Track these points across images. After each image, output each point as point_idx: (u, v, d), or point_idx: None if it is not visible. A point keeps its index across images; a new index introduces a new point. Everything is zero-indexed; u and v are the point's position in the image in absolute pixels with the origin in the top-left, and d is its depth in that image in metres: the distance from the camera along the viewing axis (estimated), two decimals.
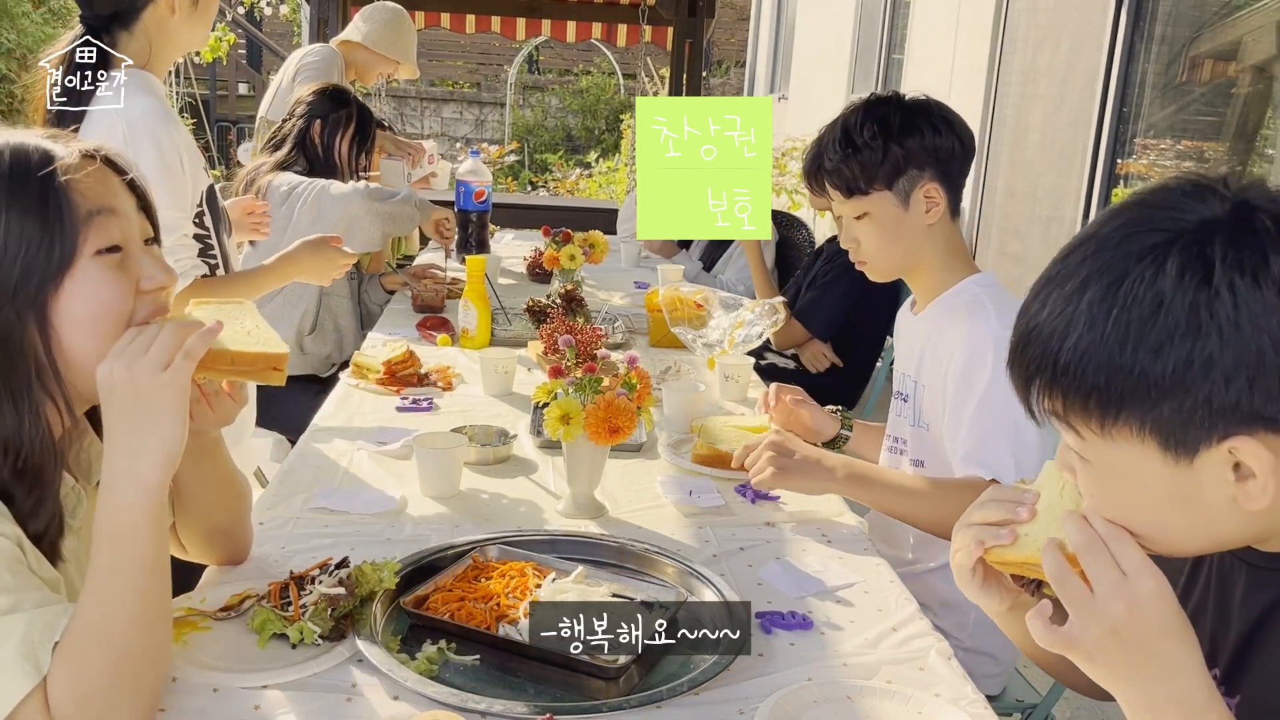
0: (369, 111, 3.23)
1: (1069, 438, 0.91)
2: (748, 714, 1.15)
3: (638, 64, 9.78)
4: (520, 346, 2.64)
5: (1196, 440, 0.83)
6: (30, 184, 1.04)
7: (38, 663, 0.96)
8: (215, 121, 11.20)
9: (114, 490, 1.02)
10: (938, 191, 1.75)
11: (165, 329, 1.05)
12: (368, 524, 1.60)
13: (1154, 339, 0.81)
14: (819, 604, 1.42)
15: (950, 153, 1.74)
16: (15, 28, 8.40)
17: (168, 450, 1.03)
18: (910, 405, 1.85)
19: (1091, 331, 0.83)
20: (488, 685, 1.19)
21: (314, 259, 2.20)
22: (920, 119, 1.73)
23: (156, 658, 1.05)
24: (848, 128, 1.75)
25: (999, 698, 1.90)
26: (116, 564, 1.01)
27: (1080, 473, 0.92)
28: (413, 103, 14.26)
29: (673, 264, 3.86)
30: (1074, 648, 0.89)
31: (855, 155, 1.73)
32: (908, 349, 1.89)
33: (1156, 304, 0.81)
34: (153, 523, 1.03)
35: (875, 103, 1.77)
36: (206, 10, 1.92)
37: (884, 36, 7.91)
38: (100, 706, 0.98)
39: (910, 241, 1.77)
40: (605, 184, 10.53)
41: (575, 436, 1.59)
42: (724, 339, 2.57)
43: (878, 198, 1.75)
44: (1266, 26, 3.79)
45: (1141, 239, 0.83)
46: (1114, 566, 0.87)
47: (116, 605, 1.00)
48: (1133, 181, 4.46)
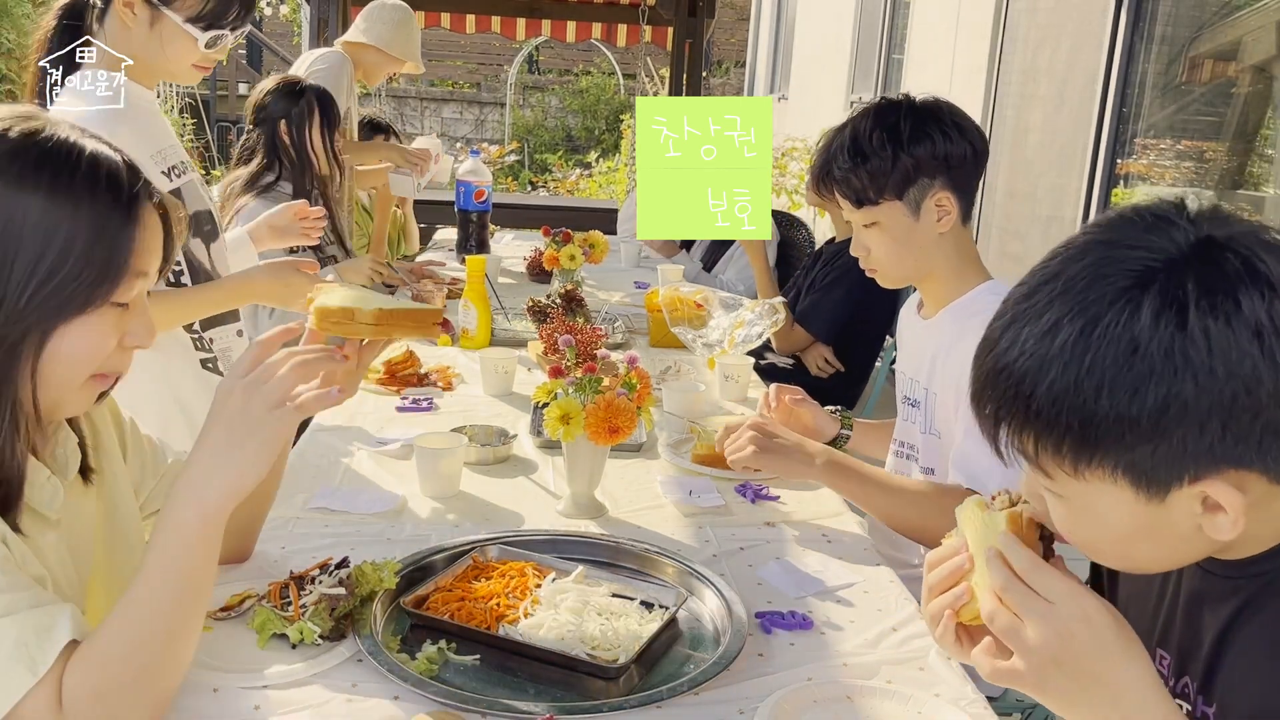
0: (326, 92, 3.14)
1: (1038, 478, 0.90)
2: (748, 714, 1.15)
3: (638, 64, 9.79)
4: (520, 346, 2.65)
5: (1169, 480, 0.83)
6: (120, 201, 1.05)
7: (33, 664, 0.95)
8: (215, 121, 11.20)
9: (177, 505, 1.03)
10: (949, 200, 1.71)
11: (288, 368, 1.07)
12: (368, 524, 1.60)
13: (1129, 382, 0.81)
14: (819, 604, 1.42)
15: (962, 159, 1.70)
16: (15, 28, 8.41)
17: (241, 483, 1.04)
18: (921, 412, 1.83)
19: (1066, 375, 0.83)
20: (488, 685, 1.19)
21: (272, 283, 2.03)
22: (931, 125, 1.68)
23: (177, 669, 1.05)
24: (856, 135, 1.70)
25: (999, 698, 1.90)
26: (159, 575, 1.02)
27: (1049, 503, 0.92)
28: (413, 103, 14.26)
29: (673, 264, 3.86)
30: (1020, 681, 0.90)
31: (864, 164, 1.69)
32: (916, 354, 1.86)
33: (1132, 348, 0.80)
34: (204, 545, 1.04)
35: (885, 108, 1.72)
36: (168, 43, 1.83)
37: (884, 36, 7.91)
38: (113, 706, 0.99)
39: (922, 250, 1.74)
40: (605, 184, 10.54)
41: (575, 436, 1.59)
42: (724, 339, 2.57)
43: (888, 208, 1.71)
44: (1266, 26, 3.79)
45: (1112, 281, 0.83)
46: (1037, 598, 0.88)
47: (150, 617, 1.01)
48: (1133, 181, 4.46)
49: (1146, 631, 1.02)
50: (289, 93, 3.06)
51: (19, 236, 1.00)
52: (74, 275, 1.02)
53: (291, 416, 1.06)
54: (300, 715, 1.11)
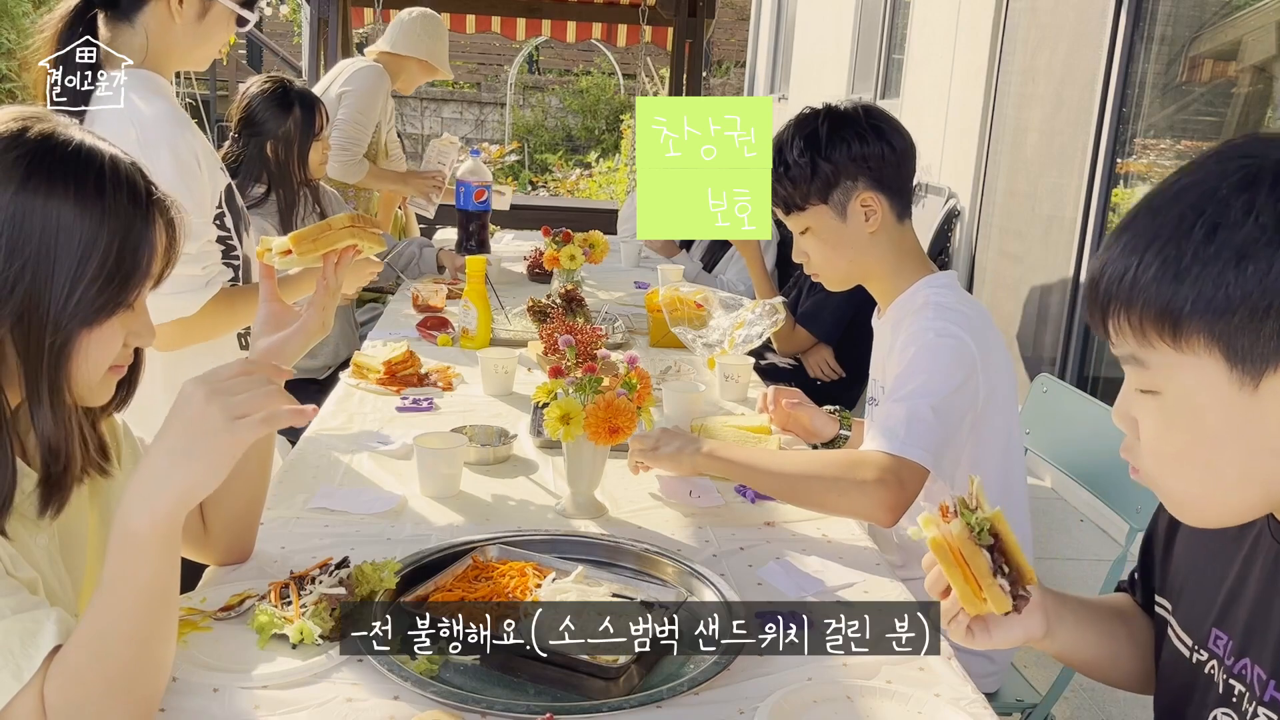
0: (313, 101, 3.06)
1: (1138, 375, 0.92)
2: (748, 714, 1.15)
3: (638, 64, 9.79)
4: (520, 346, 2.65)
5: (1264, 359, 0.84)
6: (140, 205, 1.07)
7: (18, 670, 0.95)
8: (215, 121, 11.19)
9: (128, 513, 0.98)
10: (875, 199, 1.75)
11: (261, 389, 1.01)
12: (368, 524, 1.60)
13: (1237, 244, 0.83)
14: (819, 604, 1.42)
15: (881, 159, 1.75)
16: (15, 28, 8.41)
17: (192, 493, 0.99)
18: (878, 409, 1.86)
19: (1170, 245, 0.86)
20: (488, 685, 1.19)
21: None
22: (847, 130, 1.75)
23: (154, 674, 1.03)
24: (781, 146, 1.77)
25: (996, 696, 1.91)
26: (117, 584, 0.98)
27: (1144, 418, 0.93)
28: (413, 103, 14.25)
29: (673, 264, 3.86)
30: None
31: (787, 173, 1.77)
32: (876, 355, 1.91)
33: (1245, 210, 0.83)
34: (160, 551, 0.99)
35: (805, 118, 1.79)
36: (212, 30, 1.89)
37: (884, 36, 7.91)
38: (91, 714, 0.98)
39: (854, 251, 1.79)
40: (605, 184, 10.54)
41: (575, 436, 1.59)
42: (724, 339, 2.57)
43: (814, 212, 1.78)
44: (1266, 26, 3.79)
45: (1222, 179, 0.86)
46: None
47: (113, 623, 0.99)
48: (1133, 181, 4.46)
49: (1203, 613, 1.05)
50: (277, 103, 2.97)
51: (55, 244, 1.01)
52: (108, 279, 1.04)
53: (251, 430, 0.99)
54: (300, 715, 1.11)
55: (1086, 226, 4.48)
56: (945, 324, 1.68)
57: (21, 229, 1.01)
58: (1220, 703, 1.00)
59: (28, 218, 1.01)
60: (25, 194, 1.01)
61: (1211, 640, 1.03)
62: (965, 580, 1.02)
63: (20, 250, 1.01)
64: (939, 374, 1.64)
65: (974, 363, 1.67)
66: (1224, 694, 1.01)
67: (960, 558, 1.01)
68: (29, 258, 1.01)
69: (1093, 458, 2.00)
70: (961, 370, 1.66)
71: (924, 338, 1.67)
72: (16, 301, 1.01)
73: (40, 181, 1.02)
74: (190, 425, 0.98)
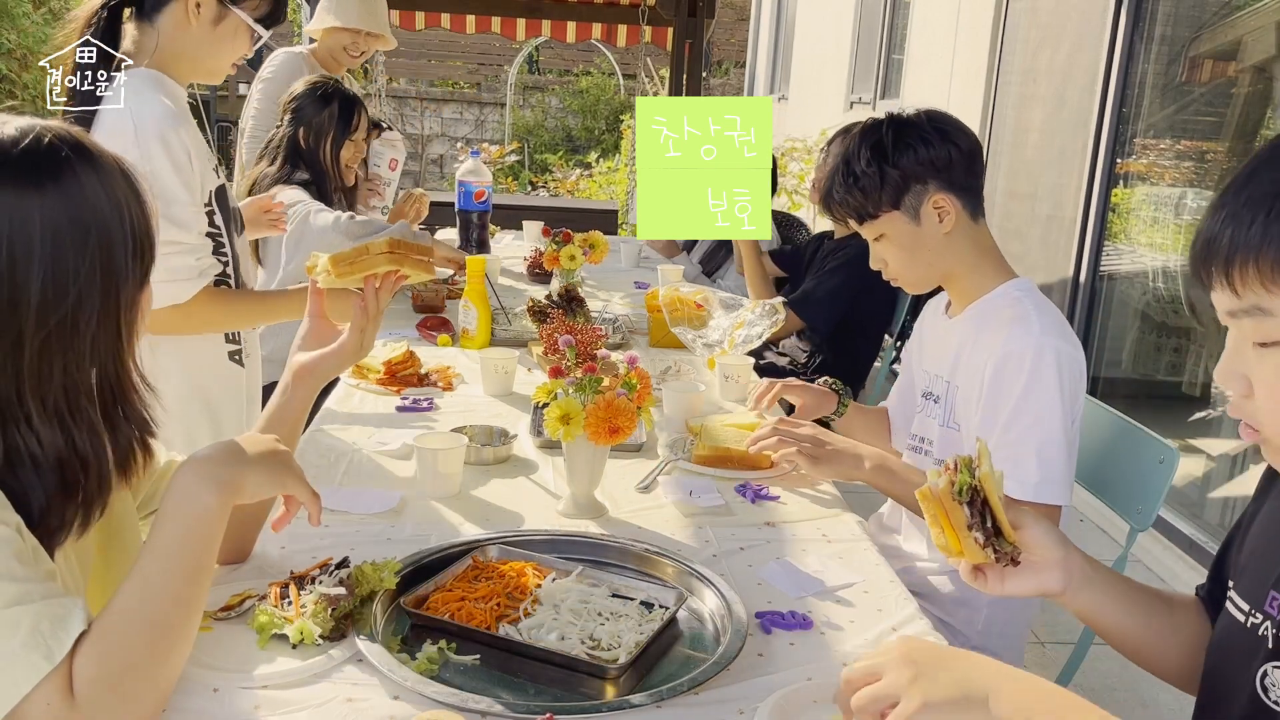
0: (352, 101, 3.13)
1: (1259, 327, 0.92)
2: (748, 714, 1.15)
3: (638, 64, 9.78)
4: (520, 346, 2.65)
5: None
6: (135, 186, 1.12)
7: (49, 652, 0.96)
8: (215, 121, 11.19)
9: (199, 485, 1.09)
10: (946, 200, 1.77)
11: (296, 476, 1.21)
12: (368, 524, 1.60)
13: None
14: (819, 604, 1.42)
15: (949, 161, 1.77)
16: (15, 28, 8.42)
17: (256, 492, 1.15)
18: (941, 406, 1.87)
19: (1274, 200, 0.87)
20: (488, 685, 1.19)
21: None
22: (912, 135, 1.77)
23: (184, 650, 1.07)
24: (847, 158, 1.81)
25: None
26: (177, 552, 1.05)
27: (1259, 370, 0.93)
28: (413, 103, 14.27)
29: (673, 264, 3.86)
30: None
31: (856, 184, 1.80)
32: (939, 350, 1.91)
33: None
34: (218, 527, 1.10)
35: (870, 128, 1.82)
36: (225, 39, 1.90)
37: (884, 36, 7.92)
38: (125, 688, 0.99)
39: (932, 253, 1.81)
40: (605, 184, 10.54)
41: (575, 436, 1.59)
42: (724, 339, 2.57)
43: (888, 219, 1.80)
44: (1266, 26, 3.79)
45: None
46: None
47: (164, 592, 1.04)
48: (1132, 181, 4.46)
49: (1264, 580, 1.06)
50: (319, 97, 3.09)
51: (108, 228, 1.06)
52: (143, 252, 1.11)
53: (289, 490, 1.21)
54: (300, 715, 1.11)
55: (1086, 226, 4.48)
56: (1061, 343, 1.69)
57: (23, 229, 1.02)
58: (1272, 657, 1.02)
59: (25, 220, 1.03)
60: None
61: (1268, 603, 1.05)
62: (944, 529, 1.10)
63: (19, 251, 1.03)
64: (1065, 401, 1.67)
65: (1083, 374, 1.72)
66: (1274, 648, 1.02)
67: (943, 509, 1.10)
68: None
69: (1093, 458, 2.00)
70: (1082, 386, 1.72)
71: (1046, 357, 1.67)
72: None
73: (84, 169, 1.06)
74: (276, 451, 1.18)
